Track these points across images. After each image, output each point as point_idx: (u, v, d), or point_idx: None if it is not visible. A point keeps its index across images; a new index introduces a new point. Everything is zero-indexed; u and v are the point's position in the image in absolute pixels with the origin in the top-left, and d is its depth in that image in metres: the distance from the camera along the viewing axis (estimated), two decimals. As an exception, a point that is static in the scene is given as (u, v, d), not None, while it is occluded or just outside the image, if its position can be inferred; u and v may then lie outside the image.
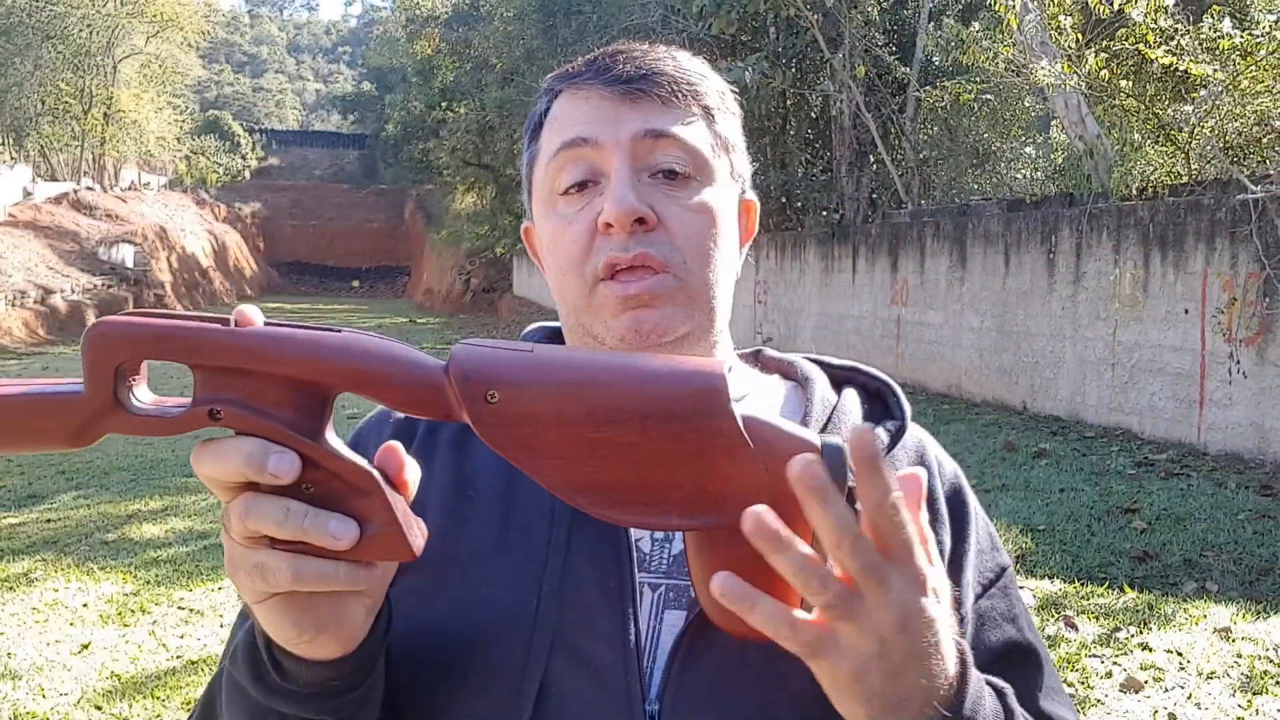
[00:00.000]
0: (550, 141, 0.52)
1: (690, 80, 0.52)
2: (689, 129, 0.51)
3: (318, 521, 0.35)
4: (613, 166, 0.50)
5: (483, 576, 0.47)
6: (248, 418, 0.34)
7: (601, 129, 0.50)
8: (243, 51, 74.28)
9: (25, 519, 4.05)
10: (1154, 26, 4.84)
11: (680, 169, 0.51)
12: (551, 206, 0.52)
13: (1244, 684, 2.34)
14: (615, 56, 0.52)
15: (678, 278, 0.50)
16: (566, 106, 0.52)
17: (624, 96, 0.50)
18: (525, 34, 13.60)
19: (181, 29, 22.31)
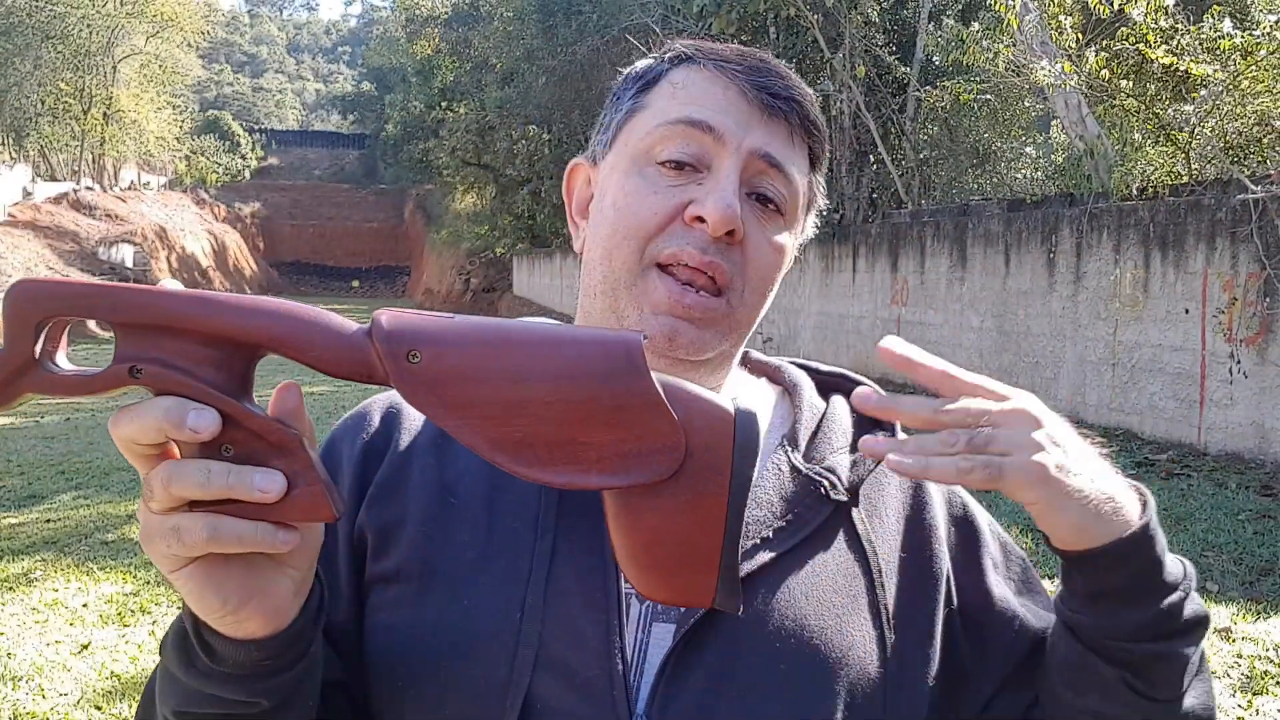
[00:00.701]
0: (670, 107, 0.50)
1: (814, 123, 0.52)
2: (797, 170, 0.51)
3: (241, 476, 0.34)
4: (724, 166, 0.49)
5: (467, 587, 0.46)
6: (169, 376, 0.34)
7: (731, 125, 0.49)
8: (242, 51, 74.28)
9: (25, 519, 4.05)
10: (1154, 26, 4.84)
11: (779, 202, 0.50)
12: (640, 167, 0.50)
13: (1244, 684, 2.34)
14: (767, 65, 0.51)
15: (730, 304, 0.49)
16: (702, 82, 0.50)
17: (765, 107, 0.50)
18: (525, 34, 13.60)
19: (181, 29, 22.31)
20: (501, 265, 21.64)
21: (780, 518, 0.48)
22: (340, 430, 0.55)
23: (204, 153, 28.31)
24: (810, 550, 0.48)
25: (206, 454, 0.35)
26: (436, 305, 22.93)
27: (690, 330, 0.48)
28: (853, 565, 0.49)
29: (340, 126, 44.35)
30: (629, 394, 0.35)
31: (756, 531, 0.48)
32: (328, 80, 75.71)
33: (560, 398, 0.35)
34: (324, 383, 9.20)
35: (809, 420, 0.53)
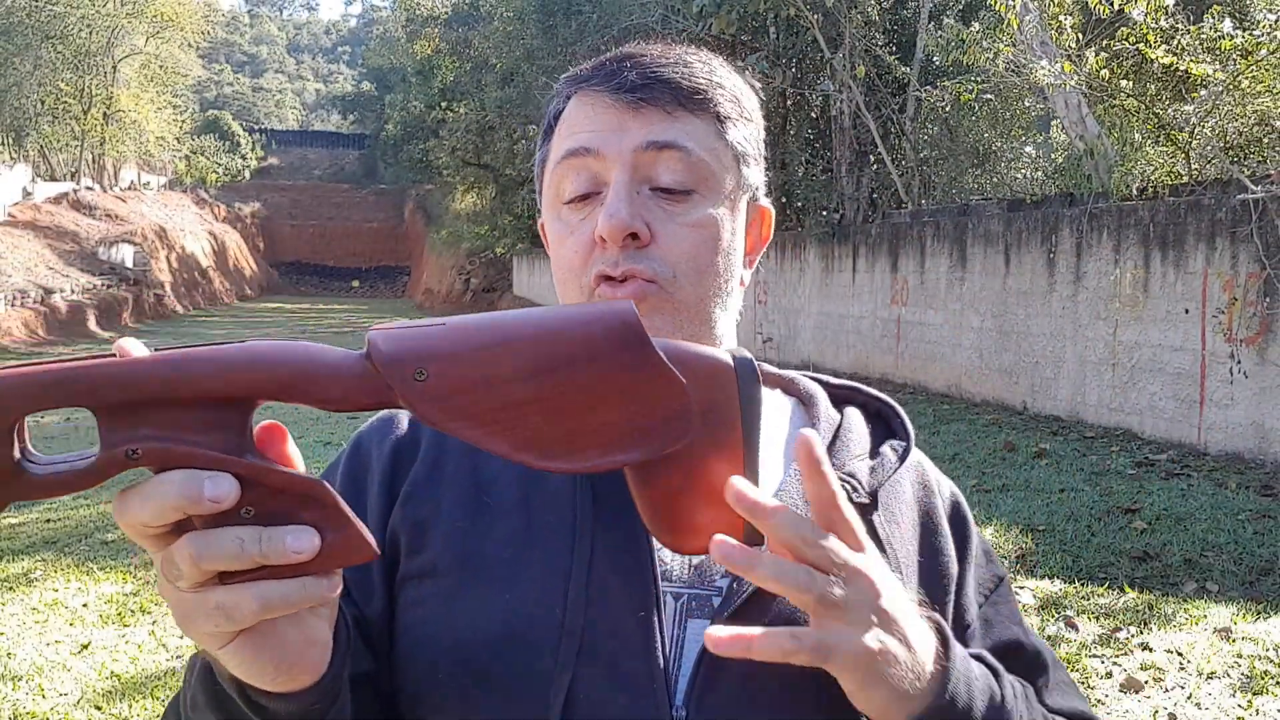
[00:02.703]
0: (559, 146, 0.53)
1: (699, 87, 0.51)
2: (694, 139, 0.50)
3: (274, 541, 0.32)
4: (613, 179, 0.50)
5: (507, 582, 0.47)
6: (168, 449, 0.31)
7: (605, 139, 0.50)
8: (242, 51, 74.27)
9: (25, 519, 4.05)
10: (1154, 26, 4.84)
11: (679, 186, 0.50)
12: (556, 213, 0.53)
13: (1244, 684, 2.34)
14: (624, 61, 0.52)
15: (666, 291, 0.50)
16: (575, 111, 0.52)
17: (629, 105, 0.50)
18: (525, 34, 13.60)
19: (181, 29, 22.30)
20: (501, 265, 21.63)
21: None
22: (367, 431, 0.56)
23: (204, 153, 28.31)
24: None
25: (227, 521, 0.32)
26: (437, 305, 22.92)
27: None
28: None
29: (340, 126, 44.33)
30: (635, 366, 0.35)
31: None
32: (328, 80, 75.70)
33: (571, 384, 0.35)
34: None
35: (826, 430, 0.54)
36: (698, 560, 0.49)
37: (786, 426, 0.56)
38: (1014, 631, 0.53)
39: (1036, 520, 3.71)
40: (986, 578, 0.55)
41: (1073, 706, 0.52)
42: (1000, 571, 0.56)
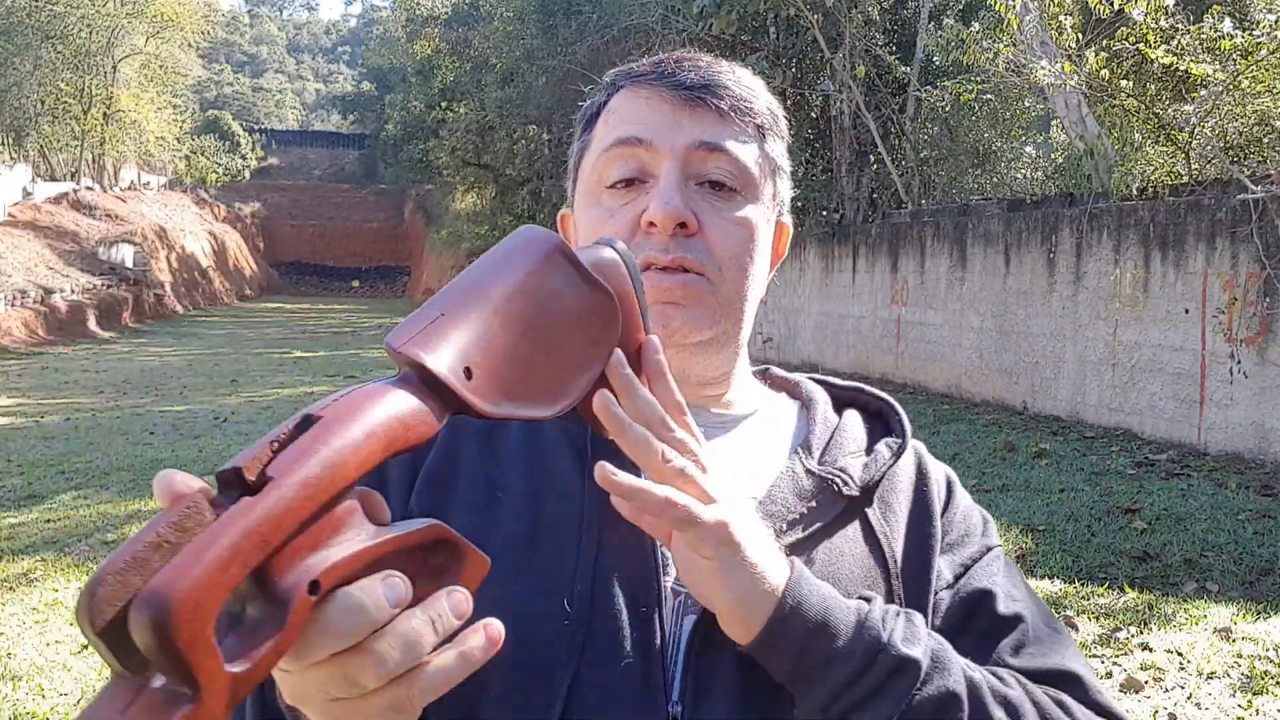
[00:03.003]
0: (605, 135, 0.53)
1: (748, 98, 0.53)
2: (742, 146, 0.53)
3: (444, 617, 0.32)
4: (663, 170, 0.51)
5: (514, 574, 0.48)
6: (335, 566, 0.29)
7: (659, 131, 0.51)
8: (242, 51, 74.27)
9: (25, 519, 4.05)
10: (1154, 26, 4.84)
11: (728, 182, 0.52)
12: (595, 198, 0.54)
13: (1244, 684, 2.34)
14: (681, 62, 0.53)
15: (712, 283, 0.51)
16: (626, 103, 0.53)
17: (685, 103, 0.52)
18: (525, 34, 13.59)
19: (181, 29, 22.30)
20: (501, 265, 21.52)
21: (793, 512, 0.50)
22: None
23: (204, 153, 28.29)
24: (826, 545, 0.50)
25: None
26: (436, 305, 22.89)
27: (678, 313, 0.51)
28: (869, 560, 0.51)
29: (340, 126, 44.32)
30: (579, 287, 0.37)
31: (772, 527, 0.49)
32: (328, 80, 75.71)
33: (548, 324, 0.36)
34: (324, 382, 9.21)
35: (822, 432, 0.55)
36: None
37: (791, 428, 0.57)
38: (985, 583, 0.53)
39: (1036, 520, 3.71)
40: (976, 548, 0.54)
41: (1050, 664, 0.51)
42: (991, 542, 0.56)
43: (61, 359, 11.45)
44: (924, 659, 0.44)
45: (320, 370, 10.42)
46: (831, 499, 0.51)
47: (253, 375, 9.81)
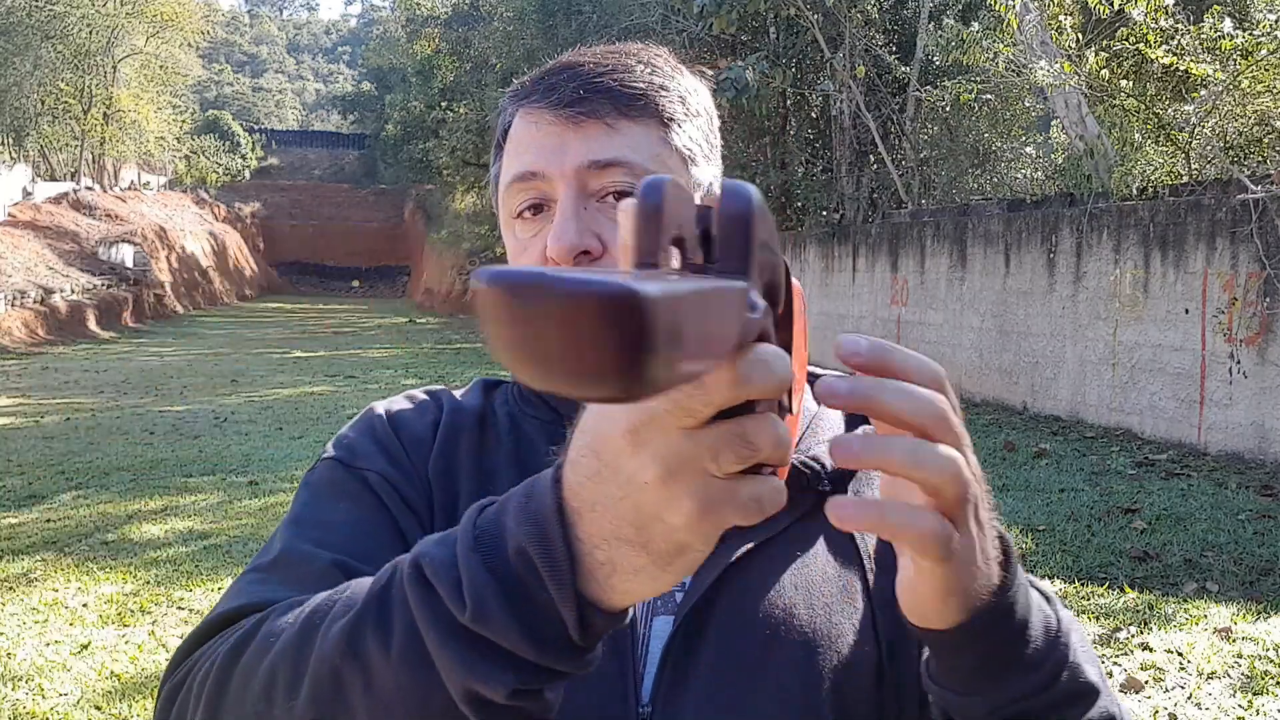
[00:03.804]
0: (506, 166, 0.53)
1: (638, 93, 0.51)
2: (637, 150, 0.50)
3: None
4: (560, 198, 0.50)
5: None
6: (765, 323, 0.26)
7: (548, 159, 0.50)
8: (242, 51, 74.24)
9: (25, 519, 4.05)
10: (1154, 26, 4.84)
11: (629, 190, 0.50)
12: (510, 228, 0.54)
13: (1244, 684, 2.34)
14: (562, 74, 0.52)
15: None
16: (519, 129, 0.53)
17: (568, 120, 0.50)
18: (525, 34, 13.60)
19: (181, 29, 22.29)
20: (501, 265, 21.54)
21: None
22: (394, 404, 0.56)
23: (204, 153, 28.26)
24: (797, 540, 0.49)
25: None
26: (436, 305, 22.93)
27: None
28: (841, 555, 0.50)
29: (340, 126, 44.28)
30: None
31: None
32: (328, 80, 75.67)
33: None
34: (323, 382, 9.20)
35: (801, 421, 0.54)
36: None
37: None
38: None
39: (1036, 520, 3.71)
40: None
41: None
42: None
43: (61, 359, 11.45)
44: (1100, 684, 0.40)
45: (320, 370, 10.42)
46: (800, 492, 0.49)
47: (253, 375, 9.80)
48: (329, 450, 0.54)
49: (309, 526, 0.49)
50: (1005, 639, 0.37)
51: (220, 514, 4.12)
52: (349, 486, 0.51)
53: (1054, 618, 0.39)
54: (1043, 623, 0.39)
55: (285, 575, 0.46)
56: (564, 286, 0.20)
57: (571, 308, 0.19)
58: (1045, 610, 0.39)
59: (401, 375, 9.56)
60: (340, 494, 0.51)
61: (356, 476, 0.51)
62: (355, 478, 0.51)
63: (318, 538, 0.48)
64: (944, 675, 0.39)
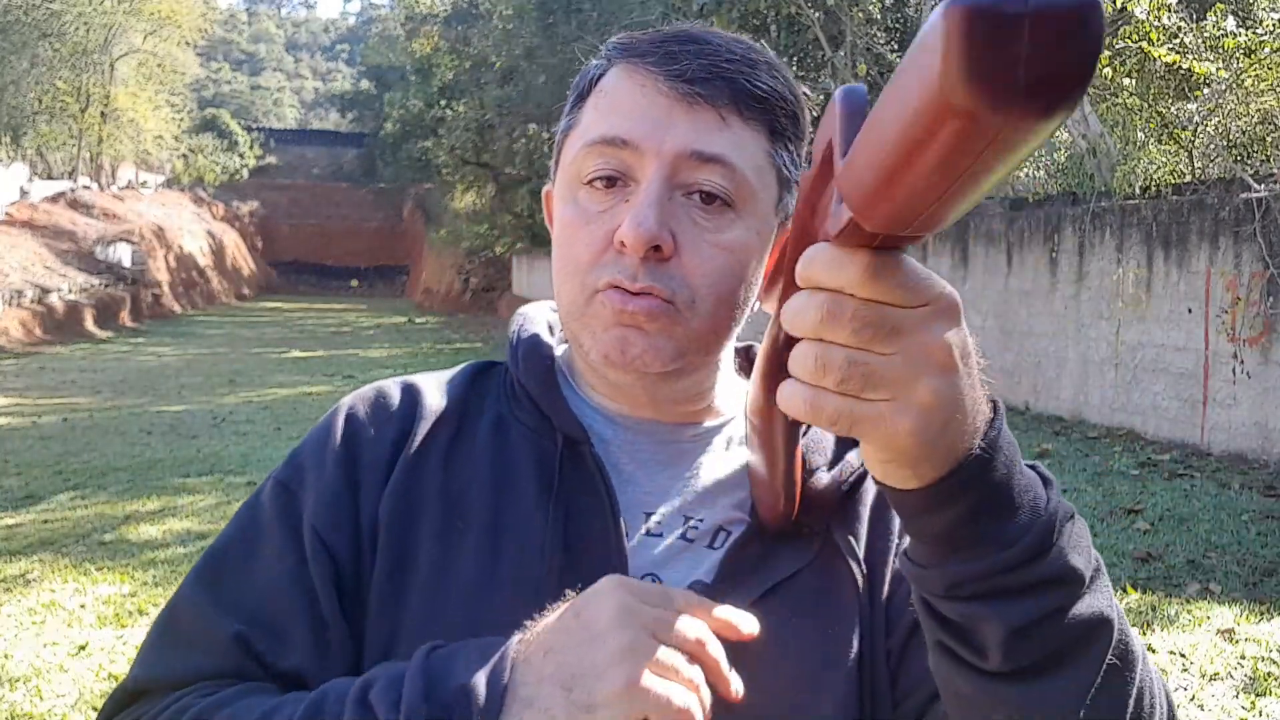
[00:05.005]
0: (592, 122, 0.47)
1: (760, 95, 0.46)
2: (743, 154, 0.46)
3: None
4: (646, 177, 0.46)
5: (472, 616, 0.46)
6: None
7: (647, 131, 0.45)
8: (240, 49, 74.15)
9: (22, 520, 4.03)
10: (1157, 24, 4.82)
11: (721, 195, 0.46)
12: (573, 192, 0.48)
13: (1247, 685, 2.33)
14: (687, 44, 0.46)
15: (681, 312, 0.46)
16: (619, 86, 0.47)
17: (682, 98, 0.45)
18: (524, 32, 13.58)
19: (179, 27, 22.24)
20: (501, 265, 21.60)
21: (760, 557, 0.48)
22: (358, 407, 0.52)
23: (202, 151, 28.23)
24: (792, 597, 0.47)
25: None
26: (436, 304, 22.93)
27: (639, 338, 0.46)
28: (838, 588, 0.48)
29: (339, 125, 44.26)
30: None
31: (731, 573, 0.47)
32: (326, 78, 75.59)
33: None
34: (321, 382, 9.19)
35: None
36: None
37: None
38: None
39: (1039, 520, 3.70)
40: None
41: None
42: None
43: (58, 359, 11.42)
44: (1086, 572, 0.36)
45: (319, 369, 10.40)
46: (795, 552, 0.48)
47: (251, 375, 9.78)
48: (280, 468, 0.51)
49: (225, 578, 0.48)
50: (977, 505, 0.34)
51: (218, 514, 4.10)
52: (278, 531, 0.48)
53: (1043, 498, 0.36)
54: (1030, 501, 0.35)
55: (190, 644, 0.47)
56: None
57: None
58: (1036, 491, 0.36)
59: (400, 375, 9.52)
60: (267, 539, 0.49)
61: (291, 517, 0.48)
62: (289, 519, 0.48)
63: (229, 600, 0.47)
64: (911, 546, 0.37)
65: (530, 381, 0.51)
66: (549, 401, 0.50)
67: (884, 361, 0.31)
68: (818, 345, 0.31)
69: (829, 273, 0.31)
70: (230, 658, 0.46)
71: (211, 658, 0.46)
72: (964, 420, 0.33)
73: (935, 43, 0.22)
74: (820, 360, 0.31)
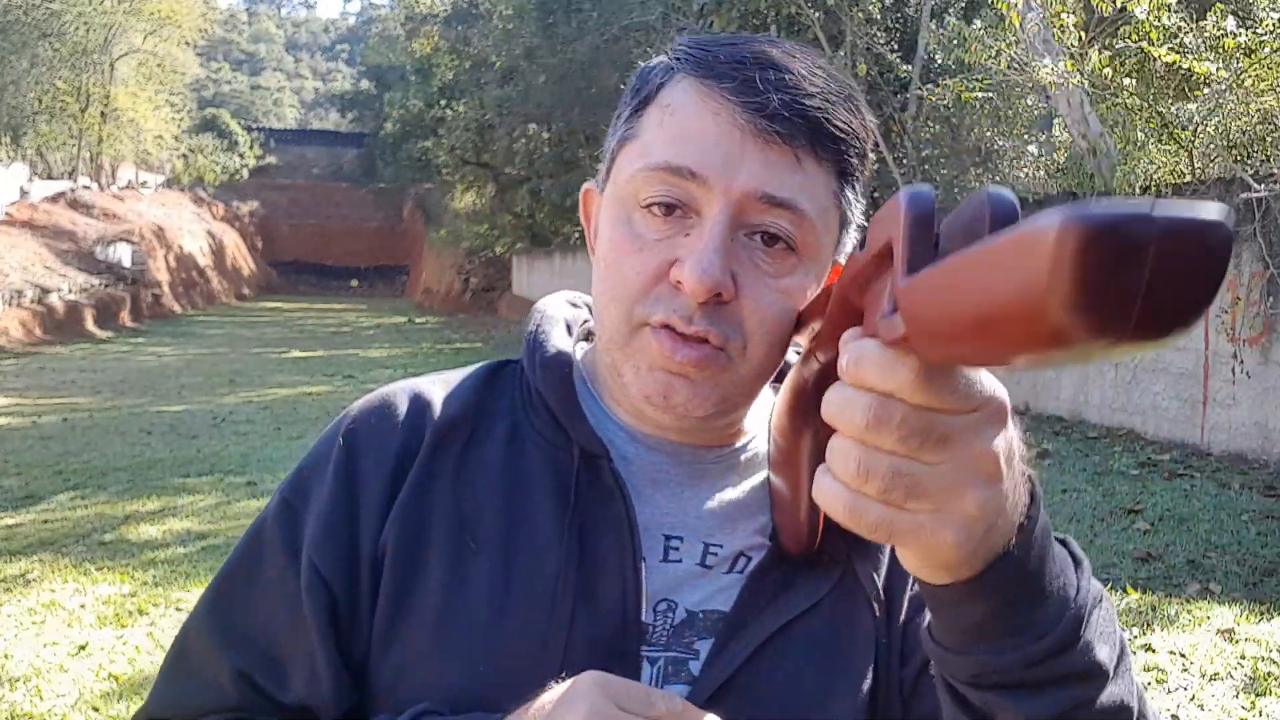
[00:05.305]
0: (656, 141, 0.44)
1: (838, 134, 0.44)
2: (812, 198, 0.44)
3: None
4: (710, 216, 0.43)
5: (483, 649, 0.45)
6: None
7: (716, 166, 0.43)
8: (240, 49, 74.15)
9: (22, 519, 4.03)
10: (1157, 24, 4.82)
11: (785, 238, 0.44)
12: (626, 211, 0.46)
13: (1247, 685, 2.33)
14: (766, 70, 0.43)
15: (732, 359, 0.44)
16: (689, 106, 0.44)
17: (758, 134, 0.43)
18: (525, 32, 13.58)
19: (179, 27, 22.24)
20: (501, 265, 21.60)
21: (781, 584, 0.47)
22: (361, 419, 0.50)
23: (202, 151, 28.23)
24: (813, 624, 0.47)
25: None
26: (436, 304, 22.93)
27: (684, 386, 0.44)
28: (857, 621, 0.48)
29: (339, 125, 44.25)
30: None
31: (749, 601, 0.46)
32: (326, 78, 75.56)
33: None
34: (321, 382, 9.18)
35: None
36: (679, 619, 0.47)
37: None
38: None
39: (1039, 520, 3.70)
40: None
41: None
42: None
43: (58, 359, 11.42)
44: (1110, 664, 0.36)
45: (318, 369, 10.40)
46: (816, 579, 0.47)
47: (251, 375, 9.78)
48: (287, 483, 0.50)
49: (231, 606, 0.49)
50: (1010, 599, 0.34)
51: (218, 514, 4.10)
52: (280, 555, 0.48)
53: (1074, 585, 0.36)
54: (1059, 589, 0.35)
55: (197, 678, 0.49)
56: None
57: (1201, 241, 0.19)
58: (1067, 576, 0.36)
59: (400, 375, 9.38)
60: (270, 563, 0.48)
61: (295, 540, 0.48)
62: (292, 542, 0.48)
63: (233, 633, 0.48)
64: (940, 631, 0.36)
65: (548, 390, 0.49)
66: (567, 413, 0.49)
67: (930, 471, 0.30)
68: (860, 448, 0.30)
69: (880, 375, 0.29)
70: (234, 693, 0.47)
71: (217, 693, 0.47)
72: (1006, 524, 0.33)
73: (1044, 250, 0.19)
74: (863, 466, 0.30)
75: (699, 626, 0.47)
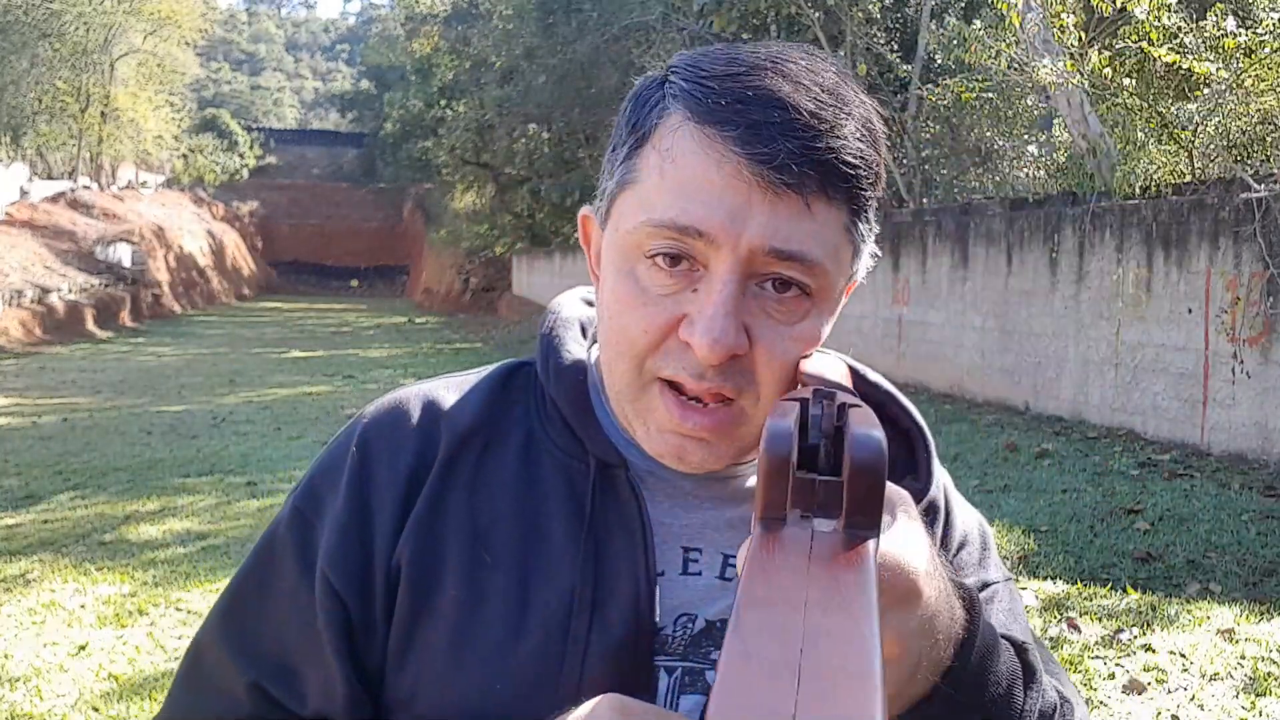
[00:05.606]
0: (657, 192, 0.42)
1: (849, 171, 0.42)
2: (823, 244, 0.42)
3: None
4: (719, 274, 0.41)
5: (498, 668, 0.45)
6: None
7: (724, 223, 0.41)
8: (240, 49, 74.15)
9: (22, 520, 4.03)
10: (1157, 24, 4.82)
11: (798, 284, 0.43)
12: (629, 263, 0.44)
13: (1247, 685, 2.33)
14: (772, 110, 0.40)
15: (746, 410, 0.44)
16: (691, 155, 0.42)
17: (765, 186, 0.40)
18: (525, 32, 13.57)
19: (179, 27, 22.25)
20: (501, 265, 21.60)
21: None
22: (374, 427, 0.50)
23: (202, 151, 28.23)
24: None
25: None
26: (436, 304, 22.93)
27: (698, 449, 0.44)
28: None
29: (339, 125, 44.24)
30: None
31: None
32: (326, 78, 75.55)
33: None
34: (321, 382, 9.18)
35: None
36: (698, 629, 0.47)
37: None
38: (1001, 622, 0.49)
39: (1039, 521, 3.70)
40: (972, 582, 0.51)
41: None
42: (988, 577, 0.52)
43: (58, 359, 11.42)
44: None
45: (318, 369, 10.39)
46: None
47: (251, 375, 9.78)
48: (299, 493, 0.50)
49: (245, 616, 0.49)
50: (960, 708, 0.37)
51: (218, 514, 4.10)
52: (294, 567, 0.48)
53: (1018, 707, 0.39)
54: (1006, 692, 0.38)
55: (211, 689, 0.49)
56: None
57: None
58: (1011, 663, 0.39)
59: (400, 375, 9.54)
60: (283, 575, 0.48)
61: (308, 552, 0.48)
62: (306, 554, 0.48)
63: (246, 644, 0.48)
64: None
65: (563, 399, 0.49)
66: (582, 423, 0.48)
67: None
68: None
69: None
70: (248, 704, 0.47)
71: (231, 703, 0.47)
72: (921, 683, 0.35)
73: None
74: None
75: (716, 636, 0.47)
